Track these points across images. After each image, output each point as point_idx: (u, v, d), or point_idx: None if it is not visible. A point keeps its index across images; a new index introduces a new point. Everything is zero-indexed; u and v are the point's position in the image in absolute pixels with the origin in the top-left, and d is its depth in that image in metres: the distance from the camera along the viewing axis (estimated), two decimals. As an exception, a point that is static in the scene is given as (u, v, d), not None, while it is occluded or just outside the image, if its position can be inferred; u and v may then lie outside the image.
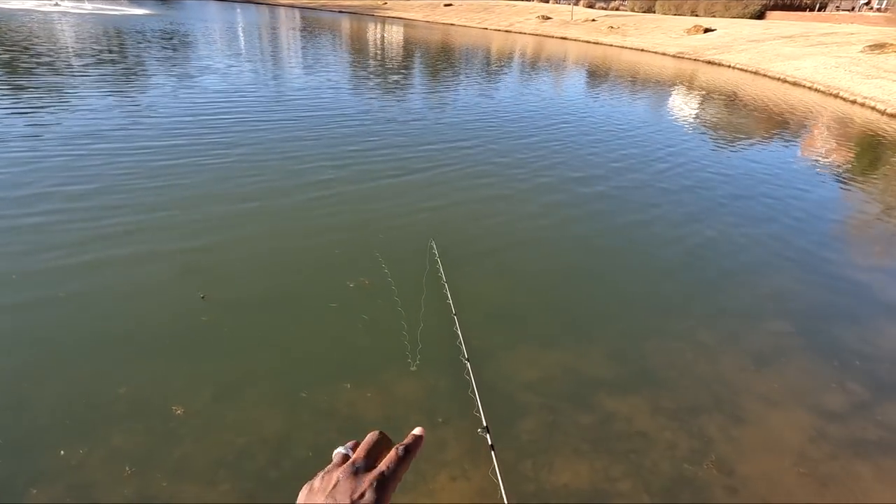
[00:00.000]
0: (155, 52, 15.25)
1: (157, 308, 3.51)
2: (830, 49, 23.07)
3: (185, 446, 2.49)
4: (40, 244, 4.12)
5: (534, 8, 54.29)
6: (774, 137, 11.07)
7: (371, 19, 51.15)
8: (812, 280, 4.81)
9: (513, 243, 4.99)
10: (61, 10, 27.38)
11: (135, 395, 2.76)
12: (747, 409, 3.07)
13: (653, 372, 3.33)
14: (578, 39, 38.38)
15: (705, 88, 18.07)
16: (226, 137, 7.31)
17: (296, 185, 5.84)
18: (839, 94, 16.88)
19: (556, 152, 8.18)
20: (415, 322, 3.49)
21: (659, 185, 7.00)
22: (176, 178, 5.65)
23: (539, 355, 3.38)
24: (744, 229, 5.78)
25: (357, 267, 4.17)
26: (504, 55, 25.55)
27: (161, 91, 10.06)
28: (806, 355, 3.63)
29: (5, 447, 2.41)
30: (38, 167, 5.62)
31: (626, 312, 4.01)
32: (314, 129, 8.22)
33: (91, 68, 11.72)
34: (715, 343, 3.68)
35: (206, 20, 30.34)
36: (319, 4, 65.86)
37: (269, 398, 2.84)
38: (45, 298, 3.48)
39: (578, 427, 2.82)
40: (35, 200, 4.82)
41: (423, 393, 2.97)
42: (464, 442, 2.63)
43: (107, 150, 6.35)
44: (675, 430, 2.86)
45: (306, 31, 29.41)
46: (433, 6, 61.51)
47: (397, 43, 27.50)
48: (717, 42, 30.07)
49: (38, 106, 8.06)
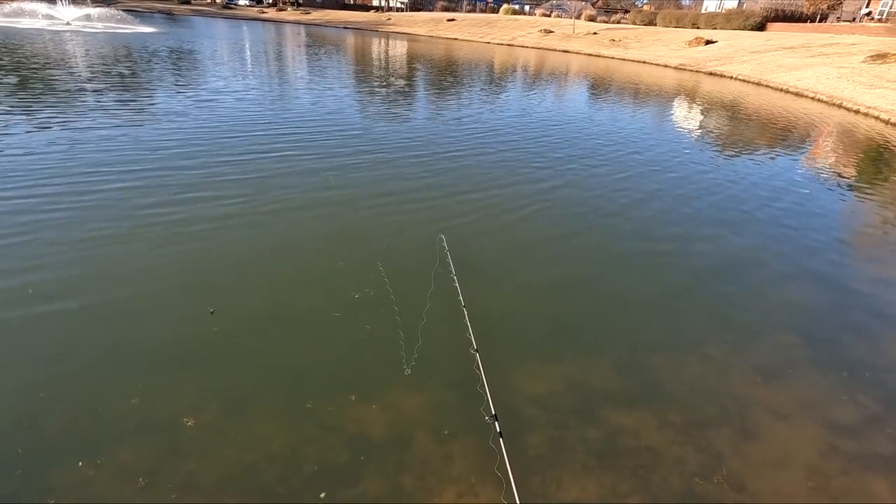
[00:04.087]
0: (163, 71, 15.52)
1: (166, 322, 3.54)
2: (832, 59, 23.15)
3: (192, 462, 2.49)
4: (57, 259, 4.17)
5: (536, 22, 54.88)
6: (779, 147, 11.08)
7: (376, 34, 51.84)
8: (819, 291, 4.78)
9: (516, 255, 5.00)
10: (73, 28, 27.94)
11: (144, 410, 2.78)
12: (757, 423, 3.04)
13: (660, 385, 3.31)
14: (580, 52, 38.73)
15: (707, 99, 18.15)
16: (231, 153, 7.41)
17: (301, 197, 5.90)
18: (842, 104, 16.90)
19: (562, 162, 8.22)
20: (419, 335, 3.49)
21: (664, 197, 7.01)
22: (180, 193, 5.72)
23: (544, 369, 3.37)
24: (750, 240, 5.76)
25: (362, 278, 4.19)
26: (507, 67, 25.80)
27: (168, 108, 10.21)
28: (815, 368, 3.60)
29: (16, 462, 2.42)
30: (47, 181, 5.71)
31: (631, 325, 4.00)
32: (317, 142, 8.31)
33: (98, 84, 11.93)
34: (722, 356, 3.66)
35: (214, 37, 30.88)
36: (325, 20, 66.92)
37: (275, 412, 2.84)
38: (59, 312, 3.52)
39: (586, 442, 2.80)
40: (50, 212, 4.89)
41: (429, 406, 2.97)
42: (471, 457, 2.62)
43: (111, 168, 6.45)
44: (684, 444, 2.84)
45: (312, 48, 29.85)
46: (436, 21, 62.35)
47: (401, 56, 27.86)
48: (718, 53, 30.25)
49: (48, 118, 8.21)
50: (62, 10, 32.91)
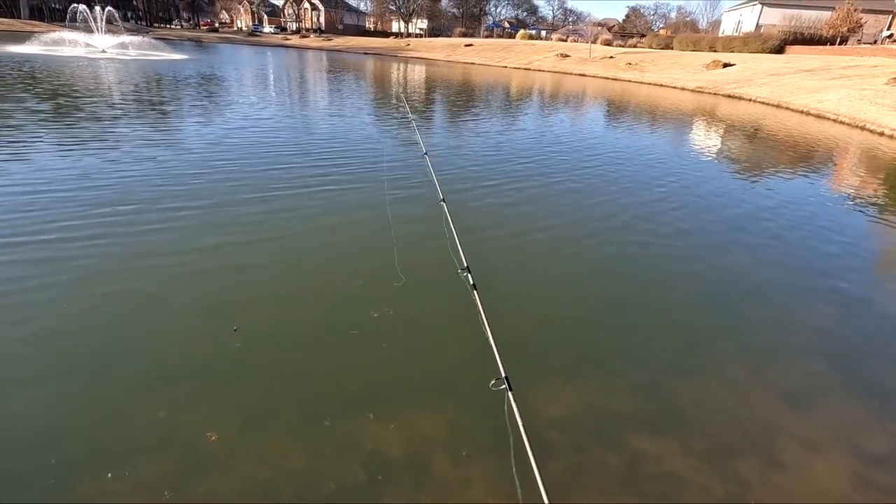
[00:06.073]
0: (192, 94, 16.14)
1: (193, 339, 3.62)
2: (854, 81, 22.91)
3: (213, 477, 2.52)
4: (90, 275, 4.33)
5: (552, 47, 55.73)
6: (801, 168, 10.93)
7: (395, 59, 53.20)
8: (845, 315, 4.65)
9: (532, 276, 5.00)
10: (108, 56, 29.35)
11: (170, 423, 2.83)
12: (784, 452, 2.95)
13: (681, 410, 3.25)
14: (597, 76, 39.08)
15: (726, 121, 18.06)
16: (256, 175, 7.63)
17: (322, 219, 6.03)
18: (865, 126, 16.65)
19: (577, 181, 8.24)
20: (437, 354, 3.50)
21: (683, 215, 6.95)
22: (206, 215, 5.90)
23: (561, 391, 3.34)
24: (771, 262, 5.67)
25: (381, 298, 4.24)
26: (524, 90, 26.15)
27: (193, 131, 10.60)
28: (843, 394, 3.49)
29: (39, 476, 2.48)
30: (83, 197, 5.95)
31: (650, 346, 3.94)
32: (335, 161, 8.50)
33: (129, 108, 12.47)
34: (745, 380, 3.57)
35: (239, 63, 32.07)
36: (346, 47, 69.00)
37: (294, 429, 2.87)
38: (87, 326, 3.63)
39: (606, 467, 2.75)
40: (83, 229, 5.09)
41: (447, 426, 2.96)
42: (489, 480, 2.59)
43: (143, 189, 6.69)
44: (708, 472, 2.76)
45: (334, 73, 30.73)
46: (454, 46, 63.74)
47: (419, 80, 28.49)
48: (736, 76, 30.21)
49: (80, 142, 8.59)
50: (98, 38, 34.72)
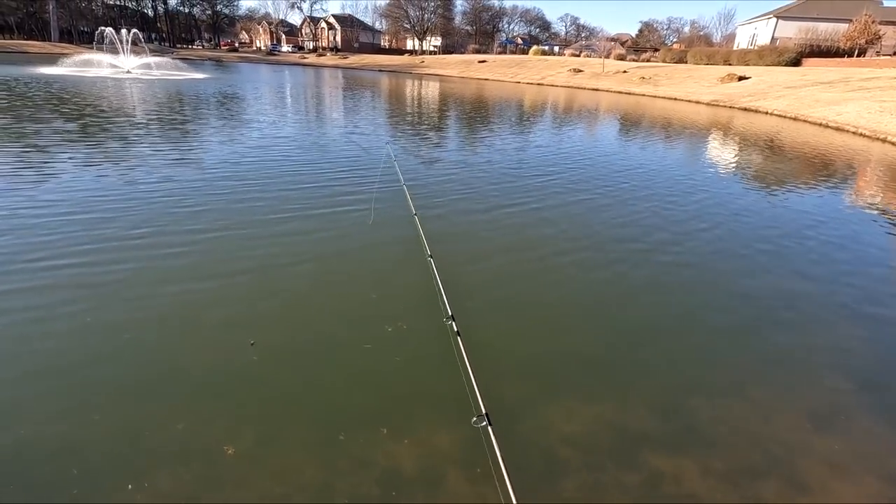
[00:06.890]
0: (214, 114, 16.58)
1: (210, 352, 3.67)
2: (873, 93, 22.59)
3: (229, 490, 2.54)
4: (113, 292, 4.44)
5: (565, 62, 56.06)
6: (822, 182, 10.75)
7: (409, 76, 54.05)
8: (871, 333, 4.53)
9: (547, 295, 4.98)
10: (133, 77, 30.41)
11: (188, 436, 2.87)
12: (808, 474, 2.86)
13: (700, 429, 3.18)
14: (610, 90, 39.15)
15: (742, 134, 17.90)
16: (270, 195, 7.78)
17: (337, 235, 6.11)
18: (887, 139, 16.36)
19: (590, 196, 8.22)
20: (450, 369, 3.49)
21: (700, 230, 6.87)
22: (224, 235, 6.02)
23: (578, 409, 3.30)
24: (793, 277, 5.56)
25: (395, 313, 4.26)
26: (538, 105, 26.29)
27: (213, 148, 10.87)
28: (869, 415, 3.39)
29: (62, 486, 2.53)
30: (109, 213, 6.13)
31: (668, 364, 3.88)
32: (355, 183, 8.63)
33: (152, 128, 12.85)
34: (766, 399, 3.49)
35: (258, 81, 32.90)
36: (361, 64, 70.40)
37: (309, 443, 2.88)
38: (108, 341, 3.72)
39: (623, 487, 2.70)
40: (108, 240, 5.24)
41: (460, 442, 2.94)
42: (503, 498, 2.56)
43: (166, 205, 6.87)
44: (730, 493, 2.69)
45: (350, 90, 31.31)
46: (468, 63, 64.58)
47: (433, 97, 28.86)
48: (752, 89, 30.01)
49: (101, 162, 8.87)
50: (124, 59, 36.06)
